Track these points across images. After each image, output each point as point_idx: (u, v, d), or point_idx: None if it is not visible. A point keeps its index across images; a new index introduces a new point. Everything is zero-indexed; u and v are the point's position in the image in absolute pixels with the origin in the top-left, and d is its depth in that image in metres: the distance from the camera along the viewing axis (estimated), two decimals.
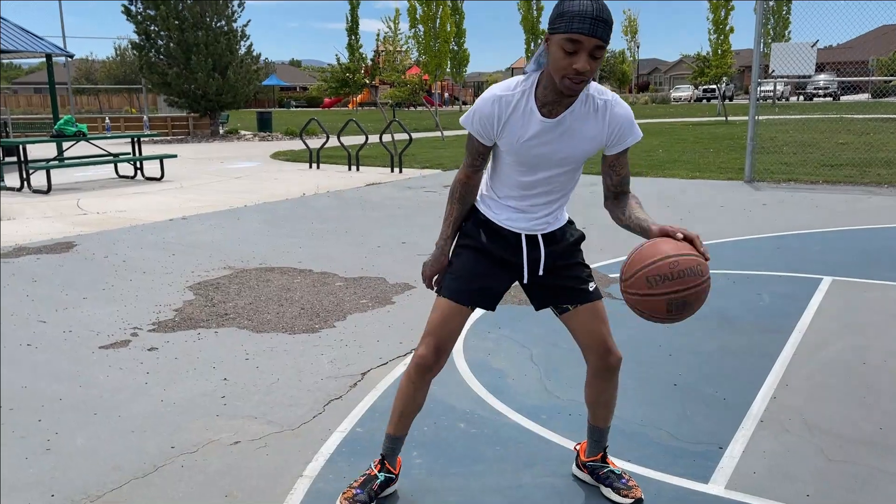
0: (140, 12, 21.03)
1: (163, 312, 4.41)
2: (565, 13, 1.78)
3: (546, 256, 2.15)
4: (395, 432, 2.31)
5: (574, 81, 1.82)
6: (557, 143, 1.98)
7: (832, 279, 4.90)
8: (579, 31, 1.76)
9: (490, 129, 2.00)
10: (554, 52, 1.82)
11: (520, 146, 2.00)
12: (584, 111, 1.96)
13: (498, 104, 1.97)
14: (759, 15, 9.71)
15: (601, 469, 2.37)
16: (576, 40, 1.77)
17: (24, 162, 10.17)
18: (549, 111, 1.95)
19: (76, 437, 2.80)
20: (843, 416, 2.90)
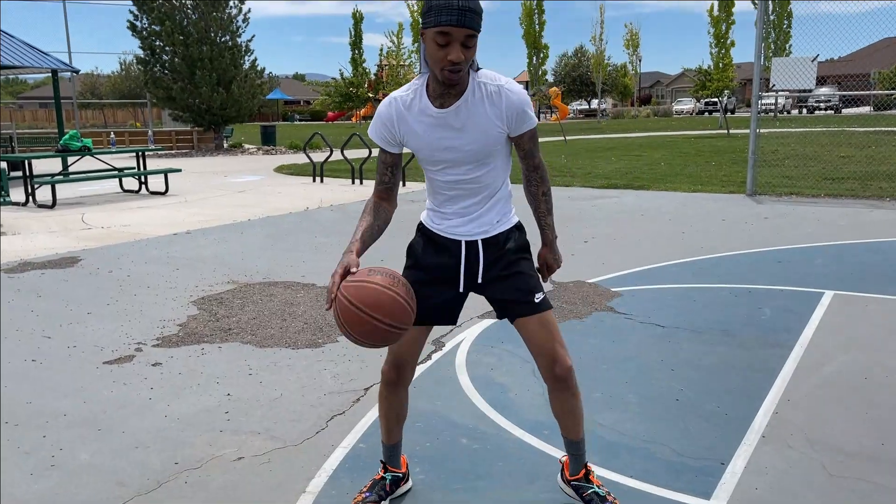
0: (145, 28, 21.22)
1: (167, 327, 4.44)
2: (433, 7, 1.83)
3: (484, 265, 2.17)
4: (389, 441, 2.41)
5: (451, 72, 1.87)
6: (460, 135, 2.02)
7: (834, 293, 4.91)
8: (447, 22, 1.81)
9: (392, 130, 2.06)
10: (429, 47, 1.88)
11: (425, 144, 2.05)
12: (477, 99, 1.99)
13: (395, 104, 2.05)
14: (759, 29, 9.77)
15: (585, 490, 2.34)
16: (446, 32, 1.83)
17: (29, 177, 10.23)
18: (441, 104, 2.00)
19: (80, 453, 2.82)
20: (845, 431, 2.90)
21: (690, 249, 6.42)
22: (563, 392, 2.21)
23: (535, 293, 2.18)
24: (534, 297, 2.17)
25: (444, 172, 2.11)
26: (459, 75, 1.89)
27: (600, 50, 42.77)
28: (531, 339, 2.17)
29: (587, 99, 59.84)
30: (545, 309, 2.17)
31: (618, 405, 3.20)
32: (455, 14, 1.81)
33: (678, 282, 5.32)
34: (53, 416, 3.17)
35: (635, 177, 12.36)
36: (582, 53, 58.77)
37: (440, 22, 1.82)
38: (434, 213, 2.22)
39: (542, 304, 2.17)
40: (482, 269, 2.18)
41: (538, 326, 2.16)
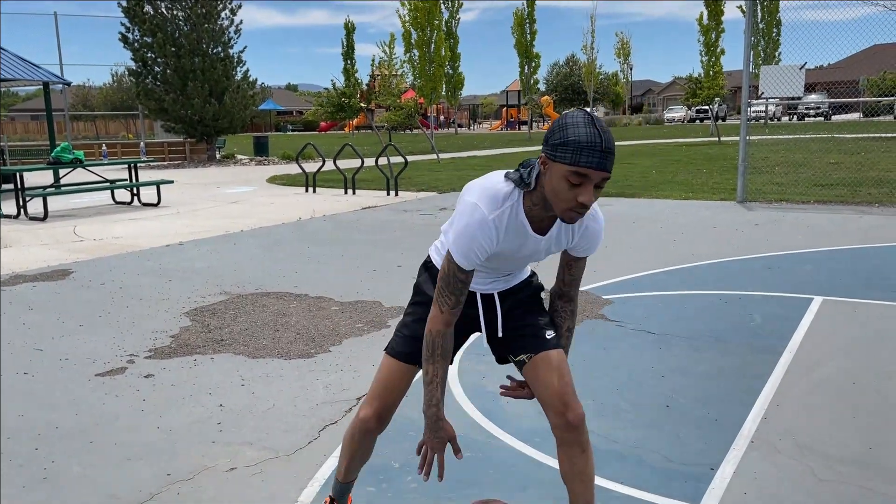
0: (137, 39, 21.22)
1: (159, 339, 4.44)
2: (570, 142, 1.63)
3: (503, 315, 2.07)
4: (346, 479, 2.27)
5: (576, 213, 1.70)
6: (541, 250, 1.92)
7: (823, 299, 4.94)
8: (587, 165, 1.62)
9: (483, 254, 1.82)
10: (556, 182, 1.68)
11: (503, 254, 1.90)
12: (566, 227, 1.90)
13: (493, 229, 1.80)
14: (747, 38, 9.86)
15: None
16: (583, 174, 1.63)
17: (20, 189, 10.22)
18: (537, 227, 1.86)
19: (73, 466, 2.82)
20: (834, 436, 2.93)
21: (682, 257, 6.46)
22: (574, 447, 1.94)
23: (548, 330, 2.04)
24: (545, 334, 2.03)
25: (492, 266, 1.99)
26: (583, 216, 1.76)
27: (592, 59, 43.02)
28: (539, 380, 1.98)
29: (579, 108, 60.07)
30: (556, 347, 2.01)
31: (609, 412, 3.22)
32: (598, 156, 1.62)
33: (669, 289, 5.36)
34: (46, 428, 3.17)
35: (627, 185, 12.43)
36: (573, 62, 59.10)
37: (579, 162, 1.62)
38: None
39: (552, 342, 2.02)
40: (501, 320, 2.07)
41: (546, 366, 1.97)
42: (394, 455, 2.85)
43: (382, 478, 2.67)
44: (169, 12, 21.14)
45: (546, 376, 1.96)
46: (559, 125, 1.69)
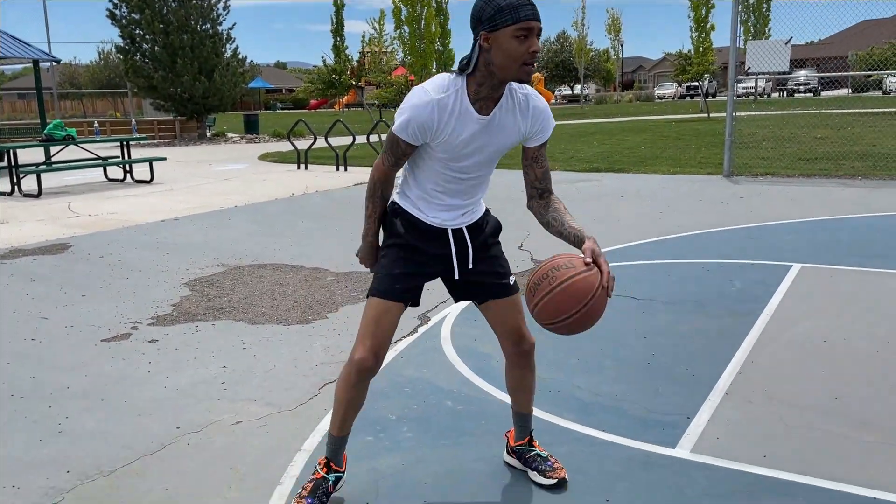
0: (125, 16, 21.08)
1: (161, 308, 4.59)
2: (505, 7, 1.88)
3: (473, 249, 2.25)
4: (339, 433, 2.30)
5: (530, 65, 1.93)
6: (489, 137, 2.07)
7: (801, 266, 5.13)
8: (528, 17, 1.88)
9: (427, 133, 2.02)
10: (506, 44, 1.90)
11: (455, 145, 2.05)
12: (510, 105, 2.07)
13: (436, 108, 1.99)
14: (734, 14, 9.97)
15: (528, 453, 2.47)
16: (528, 27, 1.89)
17: (14, 166, 10.27)
18: (480, 107, 2.03)
19: (86, 421, 2.98)
20: (803, 388, 3.12)
21: (667, 228, 6.64)
22: (524, 368, 2.37)
23: (510, 276, 2.30)
24: (509, 280, 2.29)
25: (460, 168, 2.12)
26: (533, 66, 1.96)
27: (582, 35, 42.93)
28: (499, 318, 2.29)
29: (570, 85, 59.99)
30: (516, 291, 2.31)
31: (593, 369, 3.40)
32: (531, 8, 1.90)
33: (654, 258, 5.53)
34: (57, 389, 3.32)
35: (616, 160, 12.58)
36: (564, 39, 58.88)
37: (521, 17, 1.88)
38: (424, 201, 2.20)
39: (514, 287, 2.31)
40: (472, 254, 2.24)
41: (510, 307, 2.28)
42: (391, 408, 3.02)
43: (379, 429, 2.84)
44: None
45: (506, 315, 2.29)
46: (483, 4, 1.92)
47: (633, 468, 2.50)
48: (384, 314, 2.15)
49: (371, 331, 2.15)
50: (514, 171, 11.60)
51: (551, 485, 2.38)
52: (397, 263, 2.20)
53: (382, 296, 2.17)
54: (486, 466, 2.54)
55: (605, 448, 2.65)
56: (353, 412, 2.28)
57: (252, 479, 2.49)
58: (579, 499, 2.33)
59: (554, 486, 2.38)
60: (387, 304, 2.16)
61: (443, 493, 2.39)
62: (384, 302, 2.16)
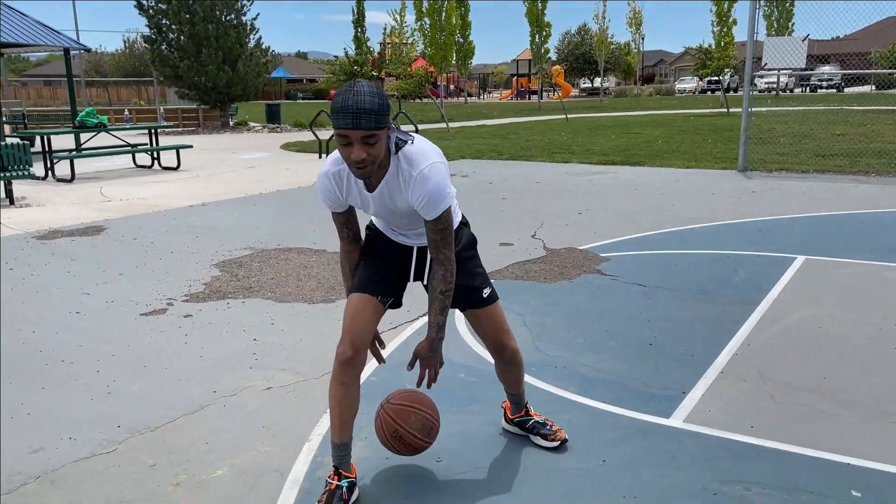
0: (152, 6, 21.47)
1: (193, 286, 4.87)
2: (333, 110, 1.93)
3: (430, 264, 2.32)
4: (341, 440, 2.33)
5: (358, 168, 1.98)
6: (385, 206, 2.20)
7: (805, 258, 5.32)
8: (344, 126, 1.90)
9: (336, 200, 2.22)
10: (337, 146, 2.00)
11: (366, 208, 2.24)
12: (395, 182, 2.13)
13: (332, 179, 2.18)
14: (752, 10, 10.09)
15: (527, 422, 2.70)
16: (344, 135, 1.92)
17: (48, 152, 10.64)
18: (368, 184, 2.15)
19: (132, 384, 3.27)
20: (794, 369, 3.34)
21: (679, 220, 6.83)
22: (508, 366, 2.58)
23: (483, 289, 2.41)
24: (482, 294, 2.41)
25: (385, 221, 2.35)
26: (367, 170, 1.99)
27: (603, 28, 42.83)
28: (480, 329, 2.48)
29: (590, 77, 59.83)
30: (492, 302, 2.43)
31: (598, 349, 3.63)
32: (350, 117, 1.89)
33: (663, 248, 5.74)
34: (103, 356, 3.61)
35: (632, 153, 12.73)
36: (585, 31, 58.69)
37: (338, 126, 1.91)
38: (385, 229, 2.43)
39: (489, 299, 2.42)
40: (429, 266, 2.35)
41: (486, 320, 2.44)
42: (408, 377, 3.27)
43: None
44: None
45: (485, 327, 2.47)
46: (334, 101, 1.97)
47: (629, 435, 2.74)
48: (360, 309, 2.29)
49: (348, 325, 2.27)
50: (529, 163, 11.80)
51: (554, 447, 2.63)
52: (370, 265, 2.38)
53: (357, 290, 2.34)
54: (493, 429, 2.79)
55: (605, 417, 2.89)
56: (348, 414, 2.31)
57: (283, 437, 2.76)
58: (578, 459, 2.57)
59: (557, 448, 2.63)
60: (362, 297, 2.31)
61: (455, 451, 2.64)
62: (360, 296, 2.32)
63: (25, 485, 2.46)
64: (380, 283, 2.35)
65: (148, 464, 2.58)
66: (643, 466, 2.52)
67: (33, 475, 2.52)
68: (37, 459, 2.63)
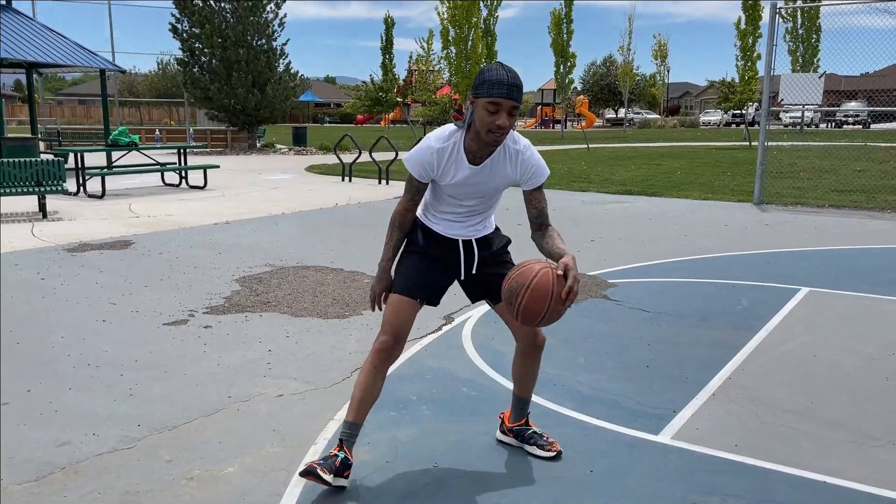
0: (186, 30, 22.15)
1: (214, 299, 5.10)
2: (486, 81, 2.30)
3: (479, 257, 2.66)
4: (355, 419, 2.55)
5: (496, 134, 2.34)
6: (482, 181, 2.52)
7: (809, 289, 5.43)
8: (498, 95, 2.28)
9: (429, 173, 2.50)
10: (479, 112, 2.33)
11: (454, 185, 2.52)
12: (501, 157, 2.49)
13: (436, 154, 2.46)
14: (768, 46, 10.27)
15: (526, 431, 2.86)
16: (497, 103, 2.29)
17: (81, 169, 11.04)
18: (473, 158, 2.47)
19: (152, 388, 3.48)
20: (784, 393, 3.46)
21: (689, 250, 6.96)
22: (534, 358, 2.76)
23: None
24: None
25: (460, 201, 2.58)
26: (502, 137, 2.36)
27: (628, 60, 43.16)
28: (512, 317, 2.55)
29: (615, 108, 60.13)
30: None
31: (597, 369, 3.78)
32: (505, 89, 2.28)
33: (670, 277, 5.88)
34: (127, 361, 3.83)
35: (650, 184, 12.87)
36: (611, 62, 59.11)
37: (492, 94, 2.28)
38: (436, 217, 2.66)
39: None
40: (476, 260, 2.65)
41: None
42: (412, 390, 3.45)
43: (401, 406, 3.28)
44: (217, 4, 22.03)
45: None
46: (479, 74, 2.35)
47: (617, 448, 2.89)
48: (402, 307, 2.56)
49: (390, 320, 2.55)
50: (548, 191, 11.98)
51: (551, 457, 2.79)
52: (413, 266, 2.63)
53: (401, 292, 2.58)
54: (491, 440, 2.95)
55: (596, 431, 3.04)
56: (369, 398, 2.55)
57: (291, 439, 2.95)
58: (566, 469, 2.72)
59: (552, 458, 2.79)
60: (403, 299, 2.57)
61: (452, 458, 2.80)
62: (402, 298, 2.57)
63: (52, 474, 2.66)
64: (423, 288, 2.60)
65: (164, 459, 2.78)
66: (627, 477, 2.66)
67: (59, 465, 2.72)
68: (63, 452, 2.83)
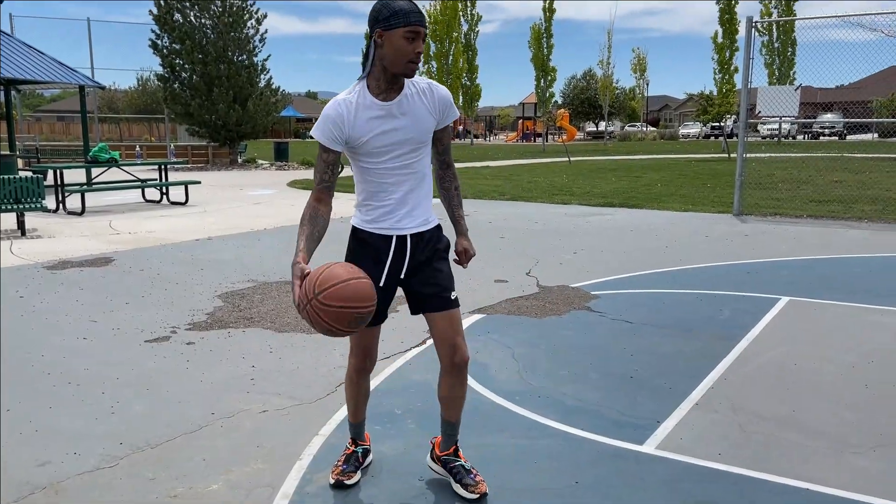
0: (166, 46, 22.09)
1: (196, 316, 5.07)
2: (398, 11, 2.22)
3: (409, 261, 2.49)
4: (356, 419, 2.78)
5: (416, 63, 2.28)
6: (402, 122, 2.36)
7: (789, 299, 5.49)
8: (417, 22, 2.23)
9: (339, 129, 2.32)
10: (397, 43, 2.23)
11: (372, 133, 2.34)
12: (413, 92, 2.39)
13: (342, 105, 2.32)
14: (745, 59, 10.42)
15: (452, 462, 2.65)
16: (416, 31, 2.23)
17: (60, 185, 10.94)
18: (384, 98, 2.35)
19: (134, 405, 3.44)
20: (765, 402, 3.49)
21: (670, 261, 7.02)
22: (456, 378, 2.53)
23: (452, 291, 2.51)
24: (450, 295, 2.49)
25: (386, 160, 2.38)
26: (418, 66, 2.30)
27: (608, 73, 43.60)
28: (439, 331, 2.48)
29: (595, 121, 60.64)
30: (456, 306, 2.51)
31: (580, 380, 3.80)
32: (420, 15, 2.26)
33: (653, 287, 5.92)
34: (108, 379, 3.79)
35: (631, 196, 12.98)
36: (590, 76, 59.67)
37: (410, 22, 2.22)
38: (366, 207, 2.49)
39: (455, 302, 2.51)
40: (407, 264, 2.49)
41: (447, 321, 2.47)
42: (397, 404, 3.45)
43: (386, 420, 3.27)
44: (197, 20, 22.01)
45: (444, 327, 2.48)
46: (380, 6, 2.25)
47: (602, 459, 2.90)
48: (361, 335, 2.56)
49: (355, 344, 2.63)
50: (530, 204, 12.05)
51: (473, 499, 2.53)
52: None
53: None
54: (475, 452, 2.94)
55: (581, 443, 3.05)
56: (363, 400, 2.76)
57: (276, 455, 2.93)
58: (551, 480, 2.73)
59: (475, 501, 2.53)
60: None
61: (435, 471, 2.79)
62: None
63: (32, 494, 2.62)
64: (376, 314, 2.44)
65: (147, 477, 2.75)
66: (612, 487, 2.67)
67: (40, 486, 2.69)
68: (43, 471, 2.80)
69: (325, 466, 2.81)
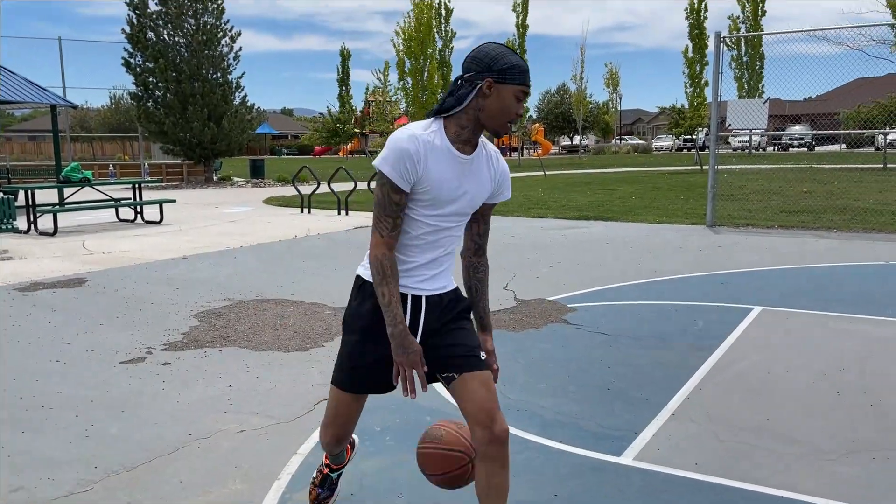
0: (139, 65, 21.97)
1: (172, 336, 5.02)
2: (516, 67, 2.00)
3: (425, 323, 2.15)
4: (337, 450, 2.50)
5: (513, 124, 2.07)
6: (469, 181, 2.09)
7: (762, 308, 5.57)
8: (529, 84, 2.04)
9: (412, 168, 1.99)
10: (507, 100, 2.01)
11: (447, 183, 2.05)
12: (484, 154, 2.14)
13: (420, 141, 2.00)
14: (714, 74, 10.62)
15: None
16: (526, 92, 2.04)
17: (31, 206, 10.80)
18: (459, 149, 2.07)
19: (109, 428, 3.40)
20: (740, 411, 3.54)
21: (645, 273, 7.10)
22: (496, 461, 2.03)
23: (479, 348, 2.15)
24: (478, 354, 2.13)
25: (436, 214, 2.09)
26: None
27: (581, 88, 44.08)
28: (470, 398, 2.04)
29: (570, 135, 61.19)
30: (487, 368, 2.12)
31: (558, 393, 3.82)
32: (528, 76, 2.04)
33: (628, 300, 5.98)
34: (82, 401, 3.74)
35: (606, 209, 13.11)
36: (564, 91, 60.25)
37: (525, 82, 2.02)
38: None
39: (485, 363, 2.13)
40: (421, 330, 2.15)
41: (479, 384, 2.05)
42: (376, 421, 3.44)
43: (366, 437, 3.26)
44: (171, 39, 21.93)
45: (476, 391, 2.04)
46: (496, 54, 2.01)
47: (581, 472, 2.92)
48: (343, 405, 2.25)
49: (332, 420, 2.31)
50: (506, 218, 12.11)
51: None
52: (356, 354, 2.18)
53: (340, 387, 2.23)
54: None
55: (559, 455, 3.06)
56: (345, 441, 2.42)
57: (254, 475, 2.91)
58: (531, 493, 2.74)
59: None
60: (347, 396, 2.23)
61: (415, 488, 2.79)
62: (343, 393, 2.24)
63: None
64: (363, 381, 2.21)
65: (124, 501, 2.71)
66: (591, 499, 2.69)
67: None
68: (17, 498, 2.75)
69: (304, 486, 2.80)
